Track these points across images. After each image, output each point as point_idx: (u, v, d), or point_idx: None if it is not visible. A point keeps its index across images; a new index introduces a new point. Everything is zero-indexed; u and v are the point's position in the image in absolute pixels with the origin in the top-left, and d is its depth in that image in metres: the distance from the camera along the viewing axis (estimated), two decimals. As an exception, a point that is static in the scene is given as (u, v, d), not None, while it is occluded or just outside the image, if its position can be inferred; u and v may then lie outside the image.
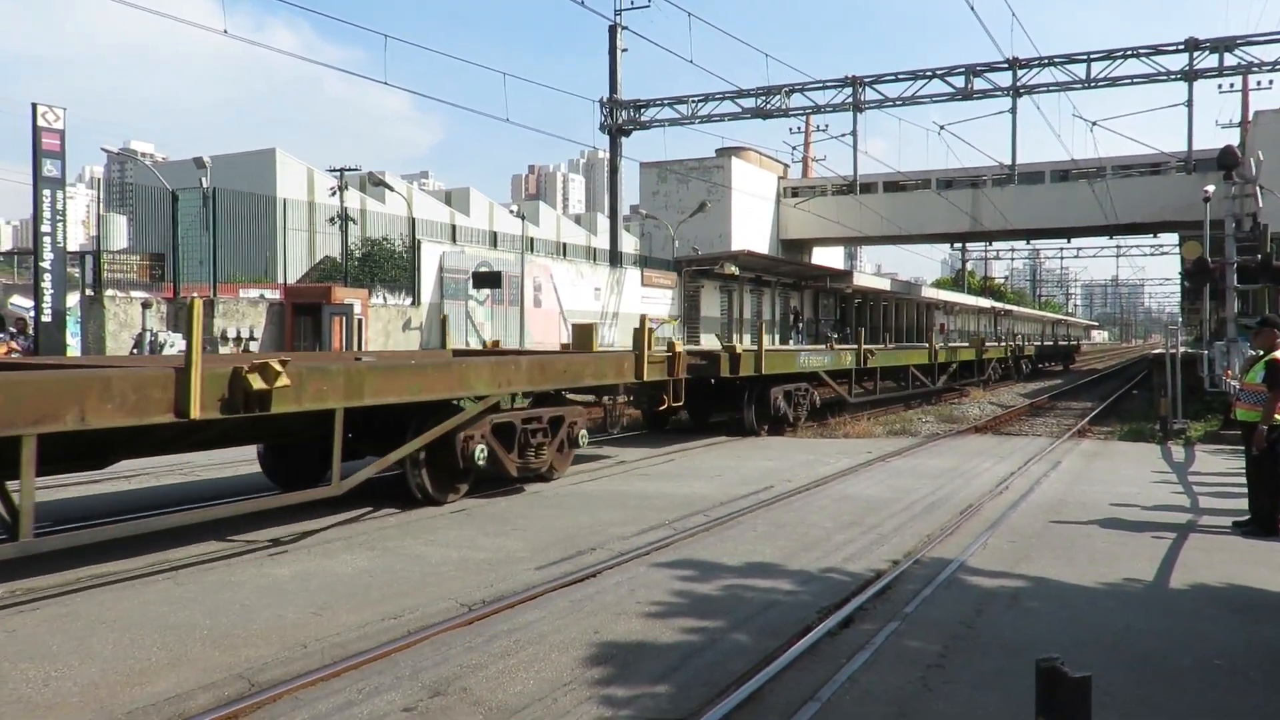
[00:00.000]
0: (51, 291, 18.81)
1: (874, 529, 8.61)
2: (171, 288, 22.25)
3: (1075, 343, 78.87)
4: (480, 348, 27.22)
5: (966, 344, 35.30)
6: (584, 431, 11.20)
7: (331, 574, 6.90)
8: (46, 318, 18.38)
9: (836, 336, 46.18)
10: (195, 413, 6.66)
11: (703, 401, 16.57)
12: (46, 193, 18.48)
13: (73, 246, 25.23)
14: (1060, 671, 2.74)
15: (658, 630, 5.62)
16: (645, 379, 12.52)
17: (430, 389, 8.81)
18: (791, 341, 45.29)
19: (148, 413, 6.46)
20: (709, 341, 39.48)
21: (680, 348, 13.54)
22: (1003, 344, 36.52)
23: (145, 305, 20.92)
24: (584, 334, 13.85)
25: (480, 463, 9.43)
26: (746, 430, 16.34)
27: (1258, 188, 22.42)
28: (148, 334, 20.04)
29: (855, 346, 20.09)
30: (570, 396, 11.78)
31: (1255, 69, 34.10)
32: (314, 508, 9.04)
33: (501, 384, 9.70)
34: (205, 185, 26.18)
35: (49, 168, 18.44)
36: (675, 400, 13.45)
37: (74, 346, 20.50)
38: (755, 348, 15.89)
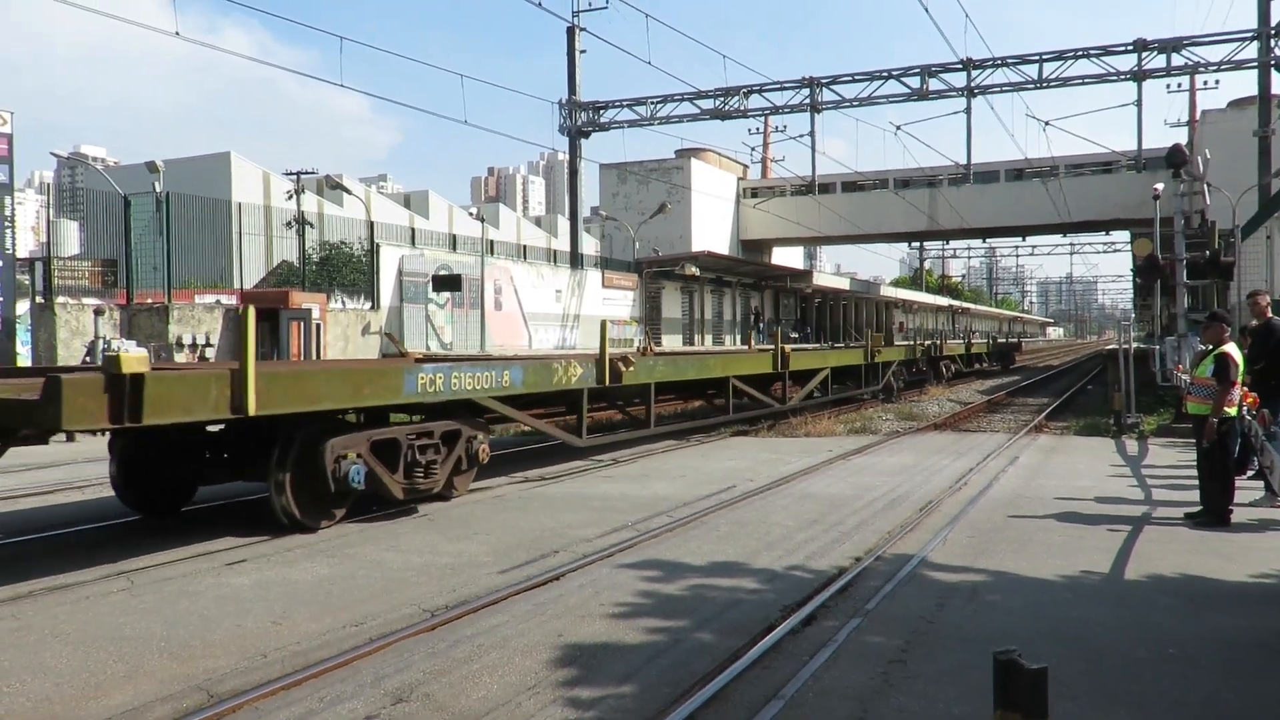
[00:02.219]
0: (0, 300, 18.43)
1: (836, 527, 8.67)
2: (125, 294, 21.89)
3: (1015, 340, 65.40)
4: (441, 352, 27.07)
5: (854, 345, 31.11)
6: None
7: (291, 582, 6.82)
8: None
9: (797, 336, 46.48)
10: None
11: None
12: (-6, 198, 18.11)
13: (22, 253, 24.75)
14: (1017, 664, 2.78)
15: (622, 631, 5.61)
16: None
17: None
18: (753, 341, 45.48)
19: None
20: (671, 342, 39.58)
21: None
22: (917, 342, 32.43)
23: (98, 312, 20.55)
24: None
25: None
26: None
27: (1205, 185, 22.90)
28: (100, 341, 19.68)
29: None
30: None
31: (1202, 69, 34.72)
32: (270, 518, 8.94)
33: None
34: (158, 189, 25.78)
35: (-4, 173, 18.06)
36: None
37: (24, 355, 20.11)
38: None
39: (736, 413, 16.71)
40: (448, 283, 28.02)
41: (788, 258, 60.80)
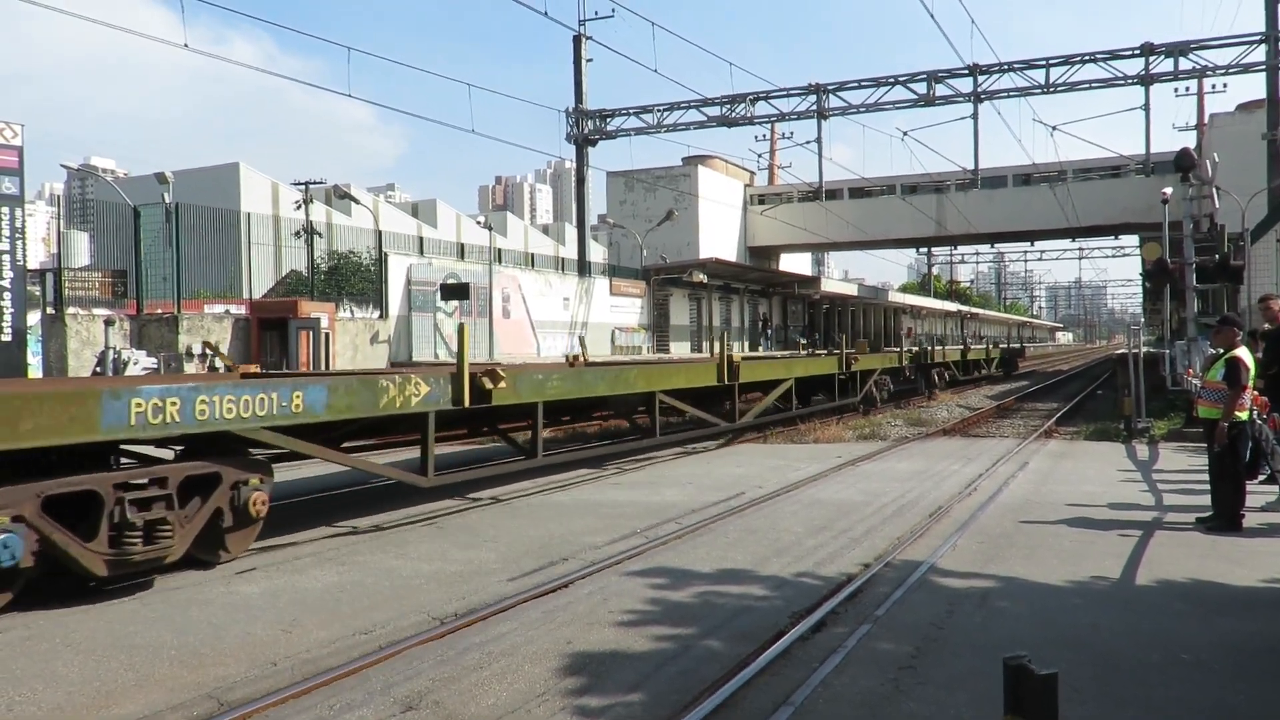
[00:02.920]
0: (11, 310, 18.54)
1: (845, 533, 8.65)
2: (135, 304, 21.98)
3: (1018, 345, 64.16)
4: (444, 360, 27.12)
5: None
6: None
7: (301, 590, 6.84)
8: (7, 337, 18.09)
9: (805, 342, 46.42)
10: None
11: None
12: (5, 210, 18.22)
13: (33, 264, 24.89)
14: (1027, 669, 2.77)
15: (631, 639, 5.61)
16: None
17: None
18: (761, 348, 45.48)
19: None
20: (679, 350, 39.58)
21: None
22: (904, 349, 29.11)
23: (108, 323, 20.65)
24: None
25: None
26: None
27: (1214, 189, 22.81)
28: (110, 352, 19.76)
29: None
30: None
31: (1210, 73, 34.70)
32: (285, 523, 8.97)
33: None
34: (168, 200, 25.90)
35: (7, 185, 18.18)
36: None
37: (35, 366, 20.20)
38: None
39: (668, 434, 13.95)
40: (456, 291, 28.07)
41: (795, 264, 60.80)
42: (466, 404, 9.41)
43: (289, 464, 11.27)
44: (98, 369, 19.67)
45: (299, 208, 48.88)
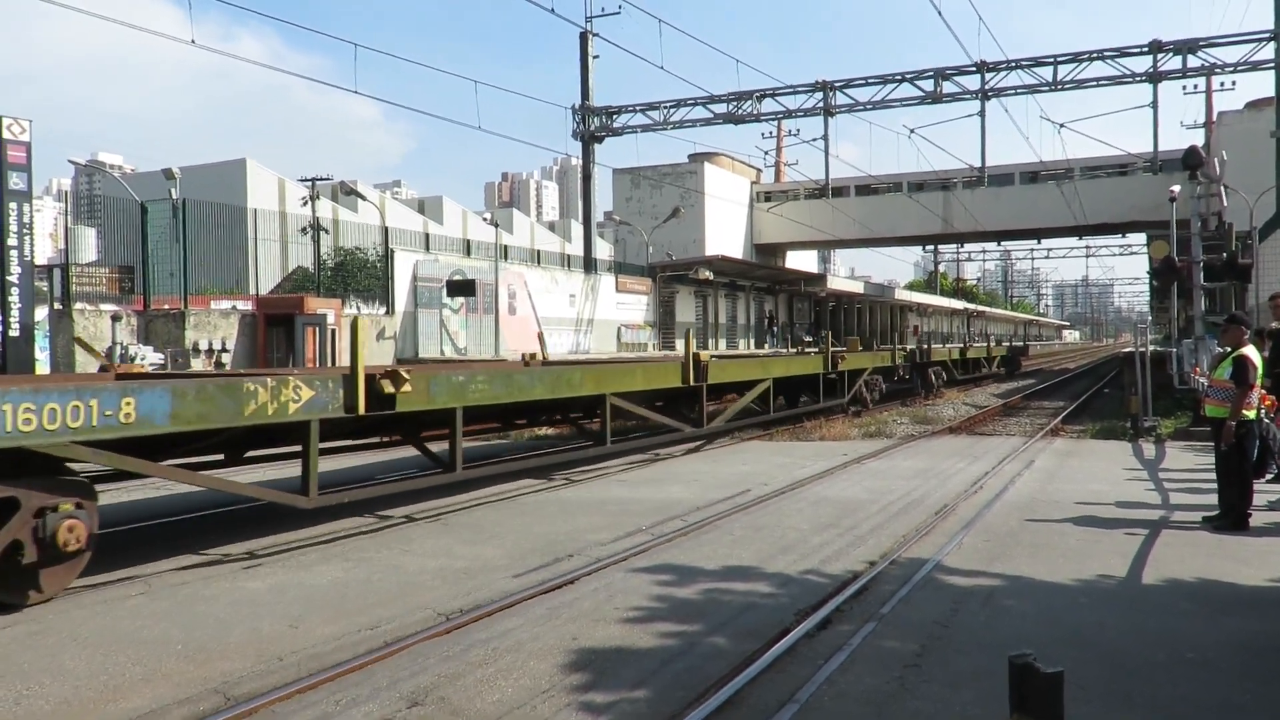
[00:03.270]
0: (19, 306, 18.58)
1: (850, 530, 8.65)
2: (142, 300, 22.04)
3: (1021, 343, 60.32)
4: (455, 358, 27.16)
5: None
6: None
7: (307, 586, 6.85)
8: (14, 332, 18.14)
9: (810, 340, 46.38)
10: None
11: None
12: (13, 206, 18.27)
13: (40, 260, 24.94)
14: (1033, 667, 2.77)
15: (636, 635, 5.62)
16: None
17: None
18: (767, 345, 45.46)
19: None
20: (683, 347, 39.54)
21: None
22: (897, 347, 26.03)
23: (115, 318, 20.70)
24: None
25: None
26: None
27: (1222, 187, 22.75)
28: (118, 347, 19.81)
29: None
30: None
31: (1218, 70, 34.54)
32: (288, 518, 8.99)
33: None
34: (175, 196, 25.95)
35: (15, 180, 18.22)
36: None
37: (43, 361, 20.26)
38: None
39: (621, 441, 12.79)
40: (462, 288, 28.08)
41: (801, 262, 60.72)
42: (362, 411, 8.09)
43: (293, 460, 11.29)
44: (104, 365, 19.72)
45: (305, 204, 48.94)
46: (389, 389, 8.31)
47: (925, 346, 27.61)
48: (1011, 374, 40.61)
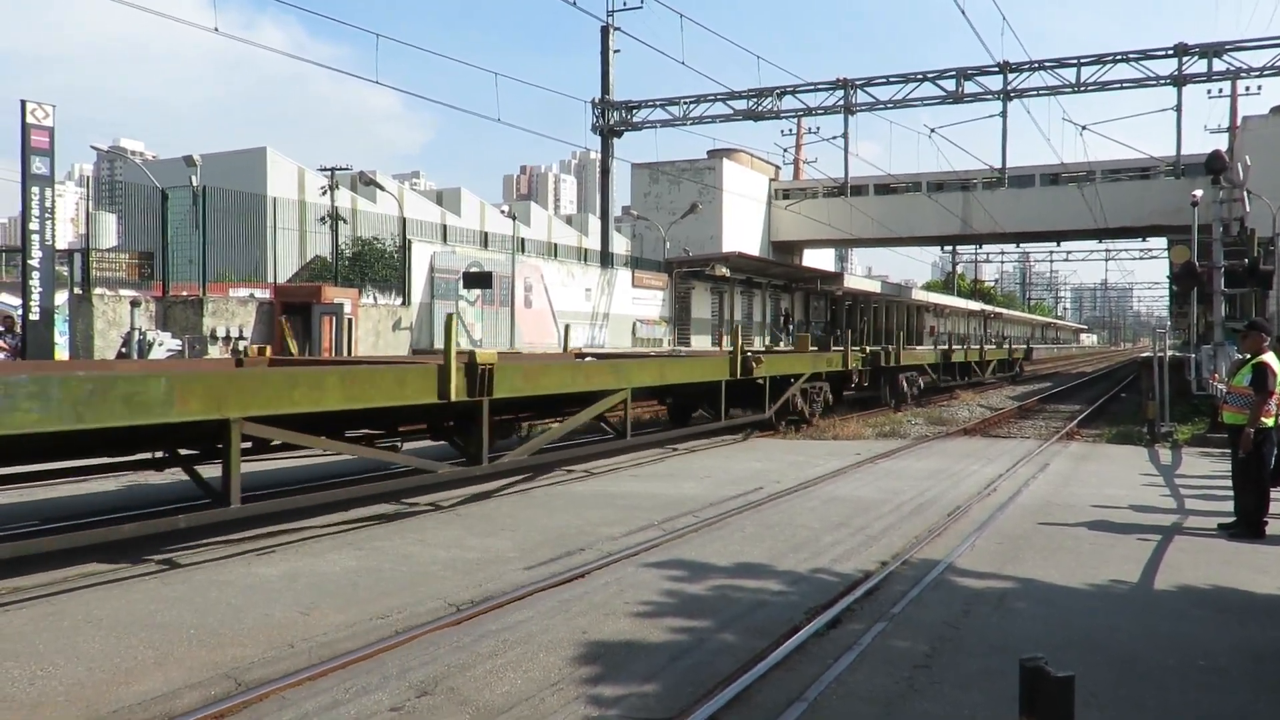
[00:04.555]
0: (40, 290, 18.73)
1: (862, 530, 8.63)
2: (161, 286, 22.18)
3: (1026, 346, 51.08)
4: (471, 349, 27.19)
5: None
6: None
7: (319, 574, 6.89)
8: (34, 316, 18.28)
9: (787, 337, 46.28)
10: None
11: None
12: (35, 190, 18.41)
13: (61, 244, 25.14)
14: (1044, 671, 2.76)
15: (646, 630, 5.62)
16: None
17: None
18: (781, 344, 45.39)
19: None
20: (700, 343, 39.54)
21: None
22: (851, 349, 19.32)
23: (134, 304, 20.84)
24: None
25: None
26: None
27: (1245, 192, 22.55)
28: (136, 333, 19.95)
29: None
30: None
31: (1244, 74, 34.27)
32: (303, 507, 9.03)
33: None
34: (195, 184, 26.10)
35: (38, 165, 18.35)
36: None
37: (62, 345, 20.41)
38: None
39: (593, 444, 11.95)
40: (478, 280, 28.16)
41: (819, 260, 60.56)
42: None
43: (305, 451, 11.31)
44: (123, 350, 19.87)
45: (324, 193, 49.12)
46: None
47: (894, 348, 22.25)
48: (1013, 380, 37.39)
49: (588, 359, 13.03)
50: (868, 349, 20.89)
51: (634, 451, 13.64)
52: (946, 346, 27.71)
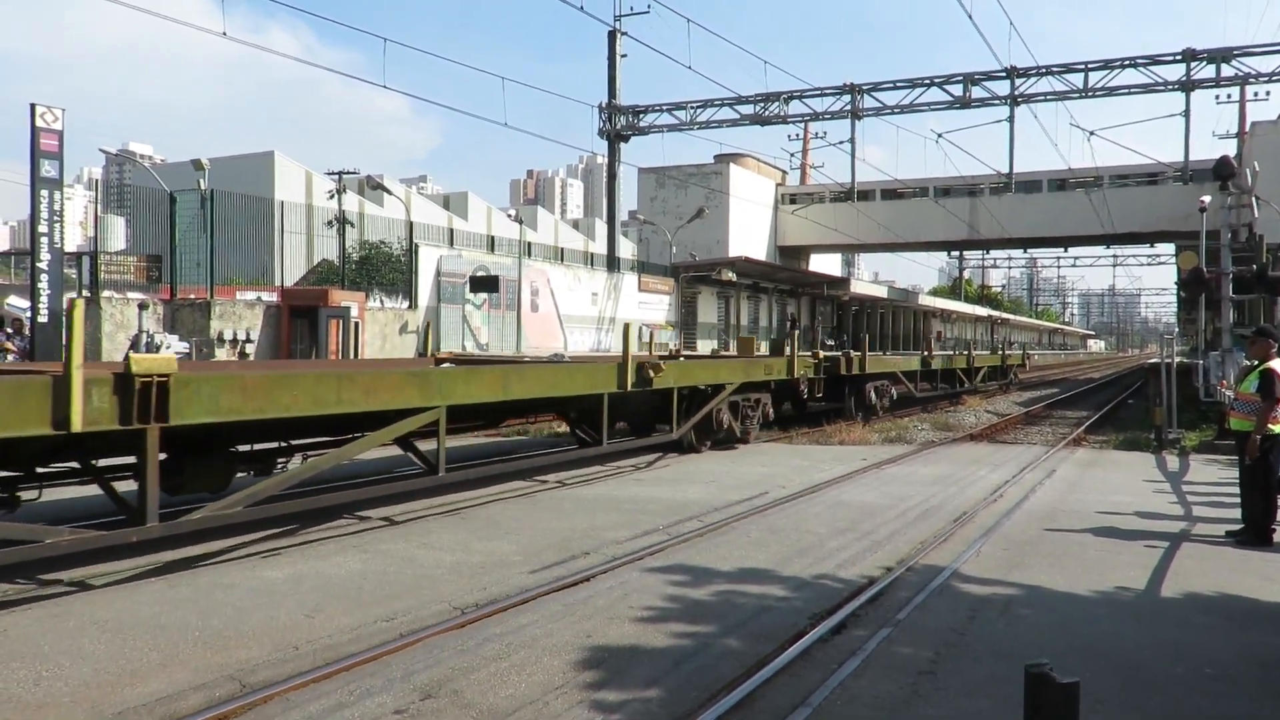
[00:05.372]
0: (48, 292, 18.81)
1: (867, 535, 8.62)
2: (168, 289, 22.24)
3: (1021, 352, 44.13)
4: (476, 353, 27.23)
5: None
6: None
7: (324, 576, 6.90)
8: (43, 318, 18.37)
9: (833, 344, 46.21)
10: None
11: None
12: (44, 193, 18.49)
13: (70, 247, 25.22)
14: (1049, 677, 2.75)
15: (650, 635, 5.62)
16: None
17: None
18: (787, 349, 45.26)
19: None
20: (706, 348, 39.52)
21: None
22: (796, 354, 16.47)
23: (142, 306, 20.91)
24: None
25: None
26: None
27: (1254, 198, 22.48)
28: (144, 335, 20.01)
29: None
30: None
31: (1252, 80, 34.23)
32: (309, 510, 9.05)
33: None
34: (203, 187, 26.18)
35: (47, 168, 18.44)
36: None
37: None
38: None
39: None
40: (485, 284, 28.18)
41: (825, 265, 60.50)
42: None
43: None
44: (130, 352, 19.94)
45: (332, 197, 49.25)
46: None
47: (856, 354, 19.61)
48: (1003, 387, 34.41)
49: (445, 365, 11.18)
50: (822, 354, 18.14)
51: (452, 493, 10.47)
52: (925, 354, 24.49)
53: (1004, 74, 36.15)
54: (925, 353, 24.66)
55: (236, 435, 8.32)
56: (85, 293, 21.15)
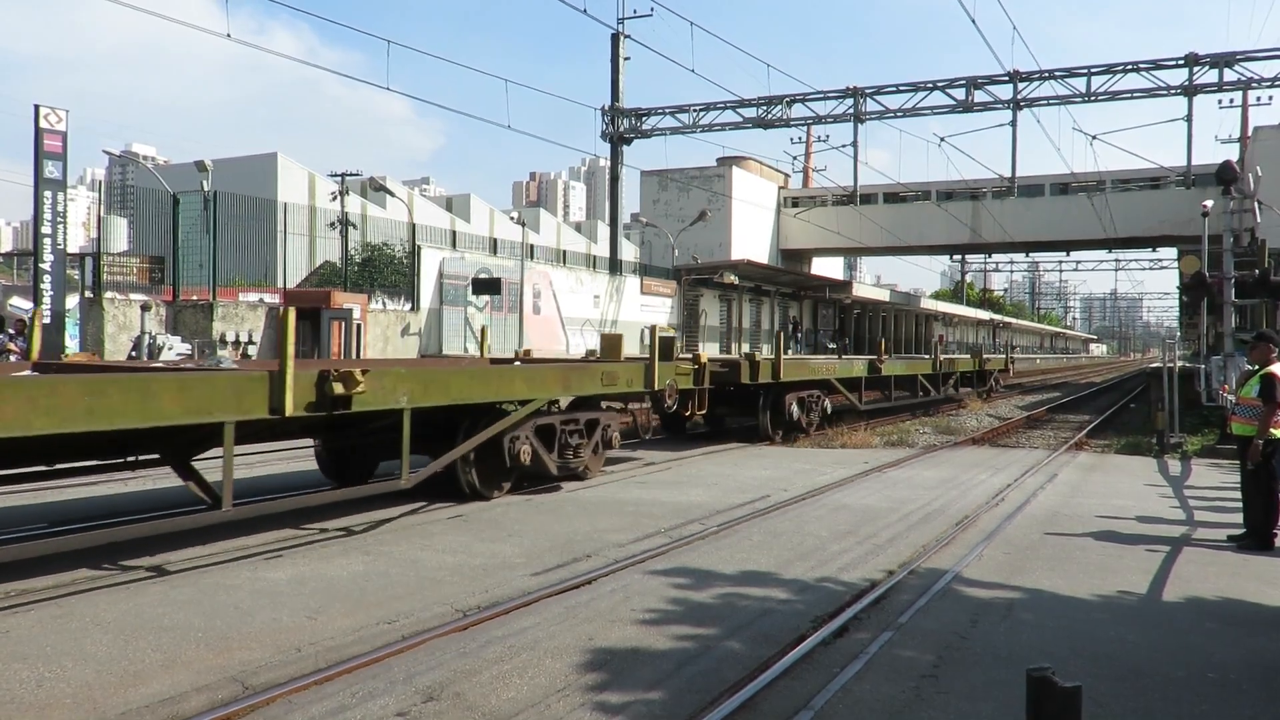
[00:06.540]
0: (51, 293, 18.84)
1: (870, 539, 8.62)
2: (171, 290, 22.27)
3: (1004, 356, 40.18)
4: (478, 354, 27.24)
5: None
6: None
7: (327, 578, 6.90)
8: (46, 319, 18.40)
9: (834, 347, 46.22)
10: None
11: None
12: (47, 194, 18.52)
13: (73, 248, 25.27)
14: (1051, 681, 2.76)
15: (652, 637, 5.62)
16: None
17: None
18: (790, 352, 45.34)
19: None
20: (710, 351, 39.53)
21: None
22: (703, 357, 13.93)
23: (144, 308, 20.94)
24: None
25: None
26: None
27: (1256, 203, 22.49)
28: (146, 336, 20.04)
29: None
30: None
31: (1255, 84, 34.25)
32: (310, 511, 9.06)
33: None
34: (206, 188, 26.22)
35: (50, 169, 18.48)
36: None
37: (72, 348, 20.51)
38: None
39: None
40: (487, 286, 28.21)
41: (827, 268, 60.49)
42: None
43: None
44: (133, 353, 19.95)
45: (335, 199, 49.32)
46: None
47: (769, 358, 16.33)
48: (982, 394, 29.83)
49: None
50: (706, 358, 14.01)
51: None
52: (877, 356, 20.99)
53: (1007, 78, 36.19)
54: (876, 356, 20.91)
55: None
56: (88, 293, 21.19)
